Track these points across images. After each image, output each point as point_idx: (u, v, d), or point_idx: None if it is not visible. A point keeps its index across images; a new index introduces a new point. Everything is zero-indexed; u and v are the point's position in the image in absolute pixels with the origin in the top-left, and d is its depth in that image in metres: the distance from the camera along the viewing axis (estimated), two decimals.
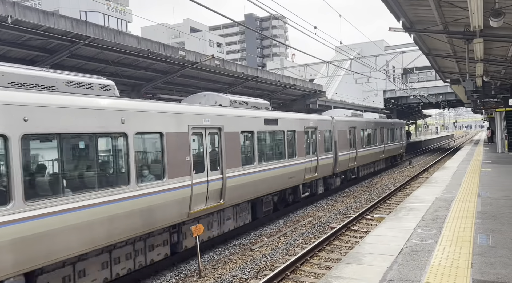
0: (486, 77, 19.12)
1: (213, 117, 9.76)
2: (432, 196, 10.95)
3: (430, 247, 6.43)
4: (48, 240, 5.90)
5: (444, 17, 11.02)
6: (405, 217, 8.69)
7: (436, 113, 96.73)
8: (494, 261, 5.65)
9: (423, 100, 45.17)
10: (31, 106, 5.80)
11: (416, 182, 20.83)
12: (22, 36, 10.08)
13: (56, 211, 6.00)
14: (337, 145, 17.88)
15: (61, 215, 6.05)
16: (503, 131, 26.93)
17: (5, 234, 5.38)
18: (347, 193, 18.46)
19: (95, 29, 10.63)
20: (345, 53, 26.45)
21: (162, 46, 13.06)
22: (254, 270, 8.58)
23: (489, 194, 10.89)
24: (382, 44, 47.91)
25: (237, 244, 10.69)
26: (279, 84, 21.88)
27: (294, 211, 14.67)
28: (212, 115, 9.73)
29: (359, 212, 13.46)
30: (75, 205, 6.27)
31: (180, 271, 8.78)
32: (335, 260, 9.08)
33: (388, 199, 16.27)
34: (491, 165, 18.09)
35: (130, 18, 59.60)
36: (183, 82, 17.28)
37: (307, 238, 11.03)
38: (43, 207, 5.84)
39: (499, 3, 8.78)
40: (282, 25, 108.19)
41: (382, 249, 6.47)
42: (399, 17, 11.18)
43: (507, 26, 10.84)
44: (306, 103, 27.40)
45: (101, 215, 6.67)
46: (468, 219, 8.13)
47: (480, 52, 12.38)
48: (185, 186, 8.61)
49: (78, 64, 12.74)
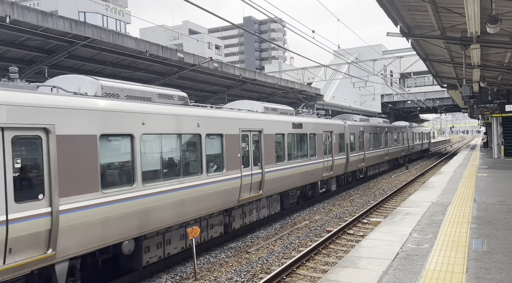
0: (483, 83, 19.23)
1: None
2: (428, 201, 10.98)
3: (425, 252, 6.45)
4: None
5: (441, 22, 11.10)
6: (401, 221, 8.72)
7: (433, 117, 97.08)
8: (489, 266, 5.67)
9: (420, 105, 45.36)
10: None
11: (413, 187, 20.88)
12: (21, 36, 10.07)
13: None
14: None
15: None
16: (500, 137, 27.05)
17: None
18: (344, 197, 18.48)
19: (94, 30, 10.63)
20: (343, 57, 26.56)
21: (161, 47, 13.07)
22: (250, 273, 8.57)
23: (484, 199, 10.93)
24: (380, 48, 48.07)
25: (233, 247, 10.68)
26: (277, 87, 21.93)
27: (291, 214, 14.68)
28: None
29: (355, 216, 13.47)
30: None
31: (176, 273, 8.75)
32: (331, 263, 9.08)
33: (385, 203, 16.30)
34: (487, 170, 18.16)
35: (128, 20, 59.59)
36: (181, 84, 17.28)
37: (304, 241, 11.03)
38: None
39: (496, 9, 8.85)
40: (281, 28, 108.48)
41: (378, 253, 6.48)
42: (397, 22, 11.24)
43: (503, 33, 10.93)
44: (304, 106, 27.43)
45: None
46: (463, 224, 8.16)
47: (477, 58, 12.46)
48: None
49: (76, 64, 12.73)
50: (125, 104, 7.45)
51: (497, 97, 25.72)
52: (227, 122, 10.30)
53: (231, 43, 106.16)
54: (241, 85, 19.63)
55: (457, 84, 22.69)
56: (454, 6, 9.37)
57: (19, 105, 5.65)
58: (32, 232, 5.68)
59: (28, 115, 5.74)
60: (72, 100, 6.48)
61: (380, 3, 9.53)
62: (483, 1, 8.10)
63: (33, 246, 5.73)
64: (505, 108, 23.10)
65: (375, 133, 24.52)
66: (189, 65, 14.70)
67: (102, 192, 6.81)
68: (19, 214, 5.54)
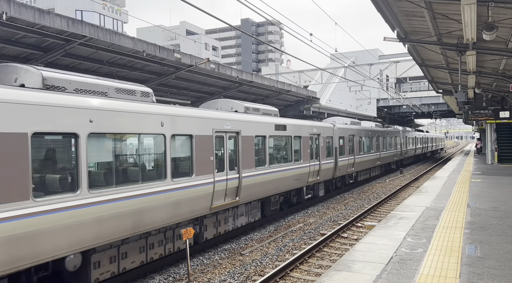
0: (478, 89, 19.36)
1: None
2: (422, 205, 11.02)
3: (419, 256, 6.47)
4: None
5: (438, 28, 11.17)
6: (395, 225, 8.74)
7: (428, 122, 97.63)
8: (482, 272, 5.70)
9: (415, 110, 45.56)
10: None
11: (407, 191, 20.96)
12: (17, 33, 10.01)
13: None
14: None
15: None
16: (493, 143, 27.25)
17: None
18: (338, 200, 18.51)
19: (91, 29, 10.59)
20: (340, 61, 26.65)
21: (158, 47, 13.04)
22: (243, 275, 8.55)
23: (478, 204, 10.99)
24: (377, 53, 48.26)
25: (227, 249, 10.65)
26: (273, 90, 21.95)
27: (285, 216, 14.67)
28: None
29: (349, 219, 13.49)
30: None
31: (169, 275, 8.71)
32: (325, 267, 9.08)
33: (379, 207, 16.34)
34: (481, 176, 18.27)
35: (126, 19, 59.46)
36: (177, 85, 17.25)
37: (298, 244, 11.02)
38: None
39: (492, 17, 8.93)
40: (278, 31, 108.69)
41: (372, 257, 6.49)
42: (394, 27, 11.31)
43: (499, 40, 11.03)
44: (300, 109, 27.49)
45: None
46: (457, 229, 8.20)
47: (473, 64, 12.56)
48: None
49: (73, 63, 12.67)
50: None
51: (492, 104, 25.93)
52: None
53: (228, 45, 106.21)
54: (238, 87, 19.63)
55: (452, 90, 22.82)
56: (451, 12, 9.44)
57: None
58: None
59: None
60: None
61: (378, 8, 9.58)
62: (479, 8, 8.17)
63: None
64: (499, 115, 23.26)
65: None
66: (186, 66, 14.67)
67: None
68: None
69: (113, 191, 7.10)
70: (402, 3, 9.26)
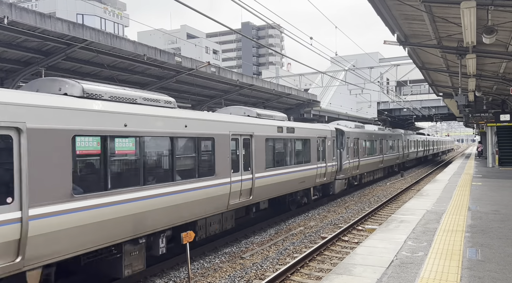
0: (478, 92, 19.39)
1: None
2: (423, 209, 11.01)
3: (420, 260, 6.46)
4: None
5: (438, 32, 11.20)
6: (396, 229, 8.73)
7: (429, 126, 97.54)
8: (482, 275, 5.69)
9: (416, 113, 45.55)
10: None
11: (408, 194, 20.92)
12: (18, 37, 10.06)
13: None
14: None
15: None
16: (494, 146, 27.23)
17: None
18: (339, 203, 18.48)
19: (92, 33, 10.63)
20: (340, 64, 26.69)
21: (158, 51, 13.09)
22: (244, 279, 8.53)
23: (479, 208, 10.97)
24: (377, 56, 48.41)
25: (228, 252, 10.63)
26: (274, 93, 21.99)
27: (286, 220, 14.66)
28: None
29: (350, 222, 13.47)
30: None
31: (170, 278, 8.69)
32: (325, 270, 9.06)
33: (380, 211, 16.31)
34: (482, 179, 18.25)
35: (127, 23, 59.67)
36: (178, 88, 17.29)
37: (298, 247, 11.00)
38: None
39: (492, 20, 8.95)
40: (279, 34, 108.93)
41: (373, 261, 6.48)
42: (394, 30, 11.33)
43: (499, 43, 11.04)
44: (300, 112, 27.53)
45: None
46: (458, 233, 8.19)
47: (473, 68, 12.57)
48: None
49: (74, 66, 12.72)
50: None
51: (492, 107, 25.93)
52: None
53: (228, 48, 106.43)
54: (238, 90, 19.66)
55: (452, 93, 22.85)
56: (450, 16, 9.46)
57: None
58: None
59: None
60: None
61: (377, 11, 9.61)
62: (479, 11, 8.19)
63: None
64: (500, 118, 23.25)
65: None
66: (186, 69, 14.72)
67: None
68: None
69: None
70: (402, 6, 9.28)
